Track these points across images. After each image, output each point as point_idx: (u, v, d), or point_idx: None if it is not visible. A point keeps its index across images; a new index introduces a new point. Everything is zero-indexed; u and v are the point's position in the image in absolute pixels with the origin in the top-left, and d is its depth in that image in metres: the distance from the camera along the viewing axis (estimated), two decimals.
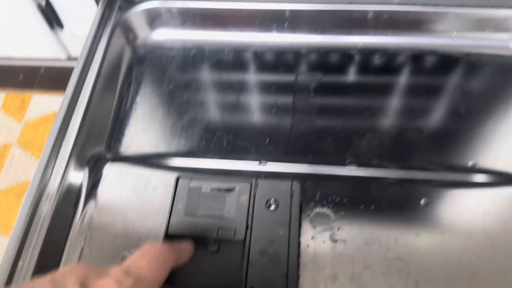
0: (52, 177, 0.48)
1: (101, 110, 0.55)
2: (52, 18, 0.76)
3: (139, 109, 0.56)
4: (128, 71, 0.60)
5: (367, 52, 0.60)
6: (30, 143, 0.88)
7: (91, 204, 0.49)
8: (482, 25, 0.59)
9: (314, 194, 0.48)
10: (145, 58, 0.61)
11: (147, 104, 0.57)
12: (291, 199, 0.45)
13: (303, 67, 0.60)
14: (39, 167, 0.47)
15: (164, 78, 0.59)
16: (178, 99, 0.57)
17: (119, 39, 0.60)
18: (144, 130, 0.55)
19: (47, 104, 0.90)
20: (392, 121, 0.54)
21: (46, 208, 0.46)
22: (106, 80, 0.56)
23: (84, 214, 0.48)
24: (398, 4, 0.58)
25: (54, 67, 0.97)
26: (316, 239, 0.45)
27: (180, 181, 0.46)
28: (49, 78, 0.95)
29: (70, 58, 0.86)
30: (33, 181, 0.47)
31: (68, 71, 0.96)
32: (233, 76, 0.59)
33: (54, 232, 0.45)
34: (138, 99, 0.57)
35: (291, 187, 0.45)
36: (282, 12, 0.59)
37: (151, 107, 0.57)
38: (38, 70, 0.97)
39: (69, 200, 0.48)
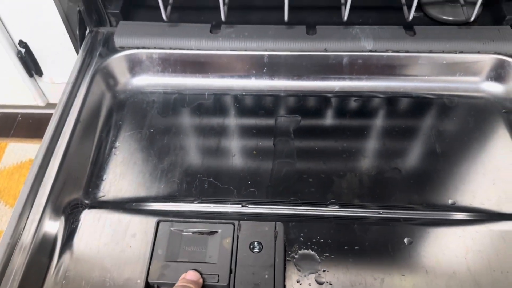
0: (27, 225, 0.46)
1: (79, 156, 0.54)
2: (31, 66, 0.76)
3: (118, 154, 0.56)
4: (108, 116, 0.60)
5: (344, 96, 0.62)
6: (4, 191, 0.85)
7: (67, 252, 0.47)
8: (452, 69, 0.61)
9: (298, 236, 0.47)
10: (125, 103, 0.61)
11: (126, 148, 0.56)
12: (275, 240, 0.44)
13: (282, 111, 0.61)
14: (14, 215, 0.46)
15: (145, 122, 0.59)
16: (159, 143, 0.57)
17: (99, 85, 0.60)
18: (123, 175, 0.54)
19: (23, 152, 0.88)
20: (371, 162, 0.55)
21: (20, 259, 0.43)
22: (85, 126, 0.56)
23: (59, 263, 0.46)
24: (370, 51, 0.60)
25: (31, 114, 0.96)
26: (302, 282, 0.43)
27: (160, 225, 0.45)
28: (26, 125, 0.94)
29: (48, 106, 0.85)
30: (7, 230, 0.45)
31: (45, 119, 0.95)
32: (214, 120, 0.60)
33: (28, 283, 0.43)
34: (118, 144, 0.57)
35: (275, 229, 0.45)
36: (261, 57, 0.61)
37: (130, 152, 0.56)
38: (15, 118, 0.96)
39: (44, 249, 0.46)
